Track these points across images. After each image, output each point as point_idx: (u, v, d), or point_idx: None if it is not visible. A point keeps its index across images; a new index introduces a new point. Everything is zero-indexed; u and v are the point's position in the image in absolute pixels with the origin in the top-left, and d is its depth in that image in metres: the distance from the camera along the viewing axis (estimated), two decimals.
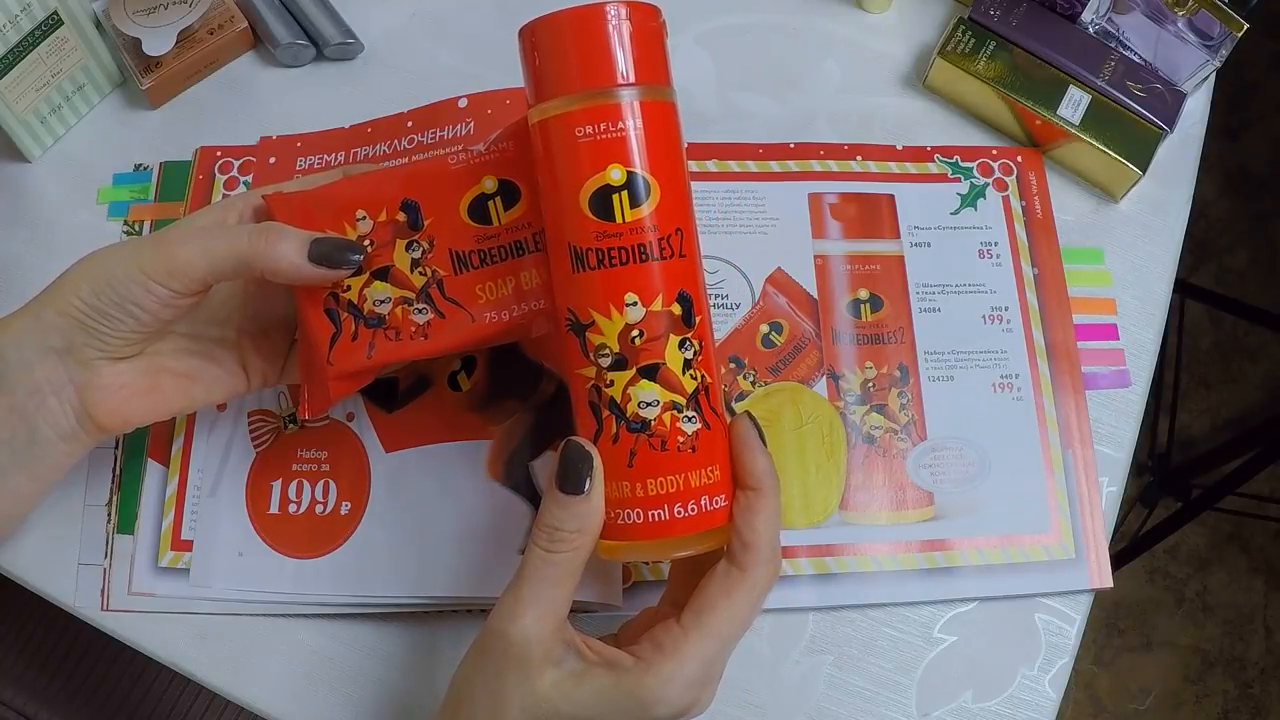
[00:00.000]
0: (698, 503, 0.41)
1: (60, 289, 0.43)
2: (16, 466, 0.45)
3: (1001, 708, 0.52)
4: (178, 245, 0.42)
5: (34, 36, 0.56)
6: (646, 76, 0.41)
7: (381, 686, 0.51)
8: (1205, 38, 0.59)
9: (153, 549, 0.52)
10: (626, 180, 0.40)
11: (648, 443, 0.41)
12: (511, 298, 0.45)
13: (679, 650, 0.39)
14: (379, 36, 0.65)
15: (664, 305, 0.41)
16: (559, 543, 0.40)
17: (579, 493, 0.40)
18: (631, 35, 0.41)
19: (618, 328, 0.40)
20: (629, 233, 0.40)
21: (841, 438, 0.55)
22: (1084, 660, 1.38)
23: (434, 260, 0.45)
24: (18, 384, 0.43)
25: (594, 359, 0.41)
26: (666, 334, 0.41)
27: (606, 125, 0.40)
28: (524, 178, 0.45)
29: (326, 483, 0.53)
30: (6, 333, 0.43)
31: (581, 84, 0.40)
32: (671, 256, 0.41)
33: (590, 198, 0.40)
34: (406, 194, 0.45)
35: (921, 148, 0.62)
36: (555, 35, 0.41)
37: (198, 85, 0.64)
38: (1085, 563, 0.53)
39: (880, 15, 0.67)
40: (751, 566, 0.40)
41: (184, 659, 0.52)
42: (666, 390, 0.41)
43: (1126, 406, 0.57)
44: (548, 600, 0.40)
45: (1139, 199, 0.62)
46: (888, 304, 0.58)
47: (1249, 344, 1.54)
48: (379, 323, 0.44)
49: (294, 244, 0.42)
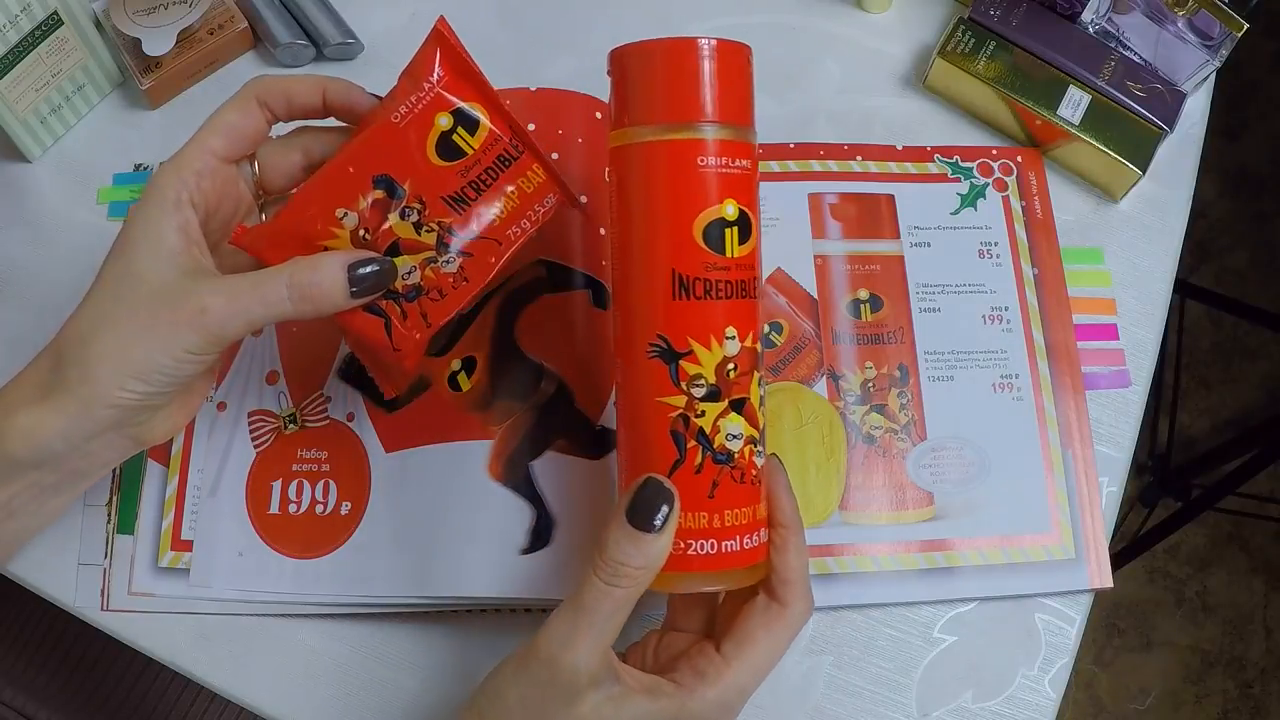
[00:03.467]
0: (758, 534, 0.42)
1: (101, 386, 0.41)
2: (60, 495, 0.45)
3: (1001, 708, 0.52)
4: (222, 326, 0.41)
5: (34, 36, 0.56)
6: (751, 118, 0.43)
7: (381, 686, 0.51)
8: (1205, 38, 0.59)
9: (153, 549, 0.52)
10: (739, 217, 0.41)
11: (730, 475, 0.41)
12: (521, 205, 0.45)
13: (720, 678, 0.41)
14: (379, 36, 0.65)
15: (752, 342, 0.42)
16: (623, 578, 0.39)
17: (653, 530, 0.40)
18: (750, 78, 0.43)
19: (716, 359, 0.41)
20: (735, 268, 0.41)
21: (841, 438, 0.55)
22: (1084, 660, 1.38)
23: (432, 214, 0.44)
24: (67, 458, 0.43)
25: (686, 389, 0.41)
26: (752, 370, 0.42)
27: (729, 160, 0.41)
28: (473, 98, 0.44)
29: (326, 483, 0.52)
30: (48, 427, 0.41)
31: (718, 115, 0.41)
32: (759, 296, 0.43)
33: (705, 228, 0.41)
34: (372, 172, 0.44)
35: (921, 148, 0.62)
36: (688, 61, 0.42)
37: (198, 85, 0.64)
38: (1085, 563, 0.53)
39: (880, 15, 0.67)
40: (792, 602, 0.42)
41: (184, 659, 0.52)
42: (749, 425, 0.42)
43: (1126, 406, 0.57)
44: (602, 633, 0.39)
45: (1139, 199, 0.62)
46: (888, 304, 0.58)
47: (1249, 344, 1.54)
48: (418, 292, 0.45)
49: (337, 290, 0.42)
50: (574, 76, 0.57)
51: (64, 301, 0.43)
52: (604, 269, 0.54)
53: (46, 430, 0.41)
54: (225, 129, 0.43)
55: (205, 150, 0.43)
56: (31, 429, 0.41)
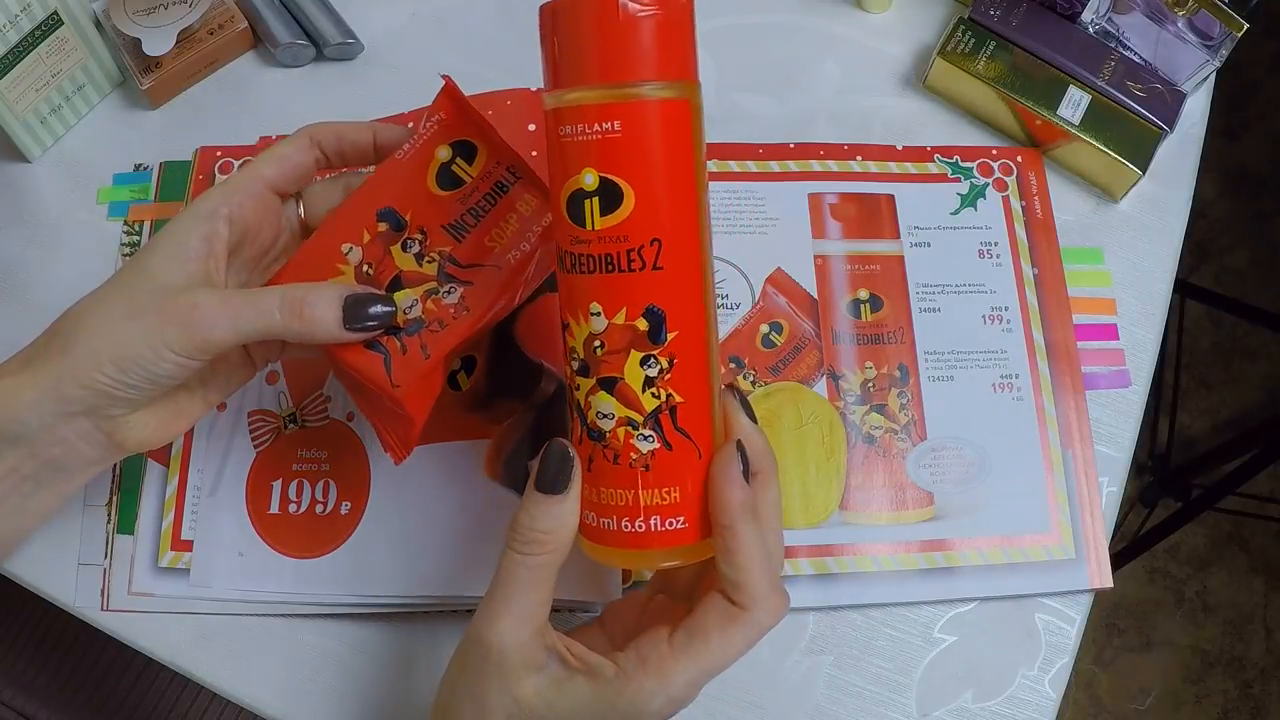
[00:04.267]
0: (647, 521, 0.39)
1: (77, 361, 0.41)
2: (40, 490, 0.45)
3: (1001, 708, 0.52)
4: (207, 328, 0.41)
5: (34, 36, 0.56)
6: (632, 72, 0.38)
7: (381, 686, 0.51)
8: (1205, 38, 0.59)
9: (153, 549, 0.52)
10: (599, 186, 0.38)
11: (602, 453, 0.40)
12: (519, 229, 0.45)
13: (663, 669, 0.39)
14: (379, 36, 0.65)
15: (627, 319, 0.39)
16: (532, 544, 0.39)
17: (556, 492, 0.39)
18: (621, 28, 0.37)
19: (584, 334, 0.39)
20: (597, 241, 0.38)
21: (841, 438, 0.55)
22: (1084, 660, 1.38)
23: (433, 244, 0.45)
24: (40, 439, 0.43)
25: (569, 360, 0.40)
26: (627, 349, 0.39)
27: (582, 126, 0.38)
28: (471, 132, 0.45)
29: (326, 483, 0.53)
30: (20, 399, 0.41)
31: (567, 79, 0.38)
32: (642, 269, 0.38)
33: (568, 200, 0.39)
34: (377, 207, 0.45)
35: (921, 148, 0.62)
36: (553, 21, 0.39)
37: (198, 85, 0.64)
38: (1085, 563, 0.53)
39: (880, 15, 0.67)
40: (750, 606, 0.39)
41: (184, 659, 0.52)
42: (623, 406, 0.39)
43: (1126, 406, 0.57)
44: (523, 604, 0.39)
45: (1139, 199, 0.62)
46: (888, 304, 0.58)
47: (1249, 344, 1.54)
48: (419, 326, 0.44)
49: (330, 313, 0.42)
50: None
51: (64, 301, 0.43)
52: None
53: (19, 399, 0.42)
54: (277, 159, 0.45)
55: (254, 175, 0.45)
56: (8, 396, 0.42)
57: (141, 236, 0.59)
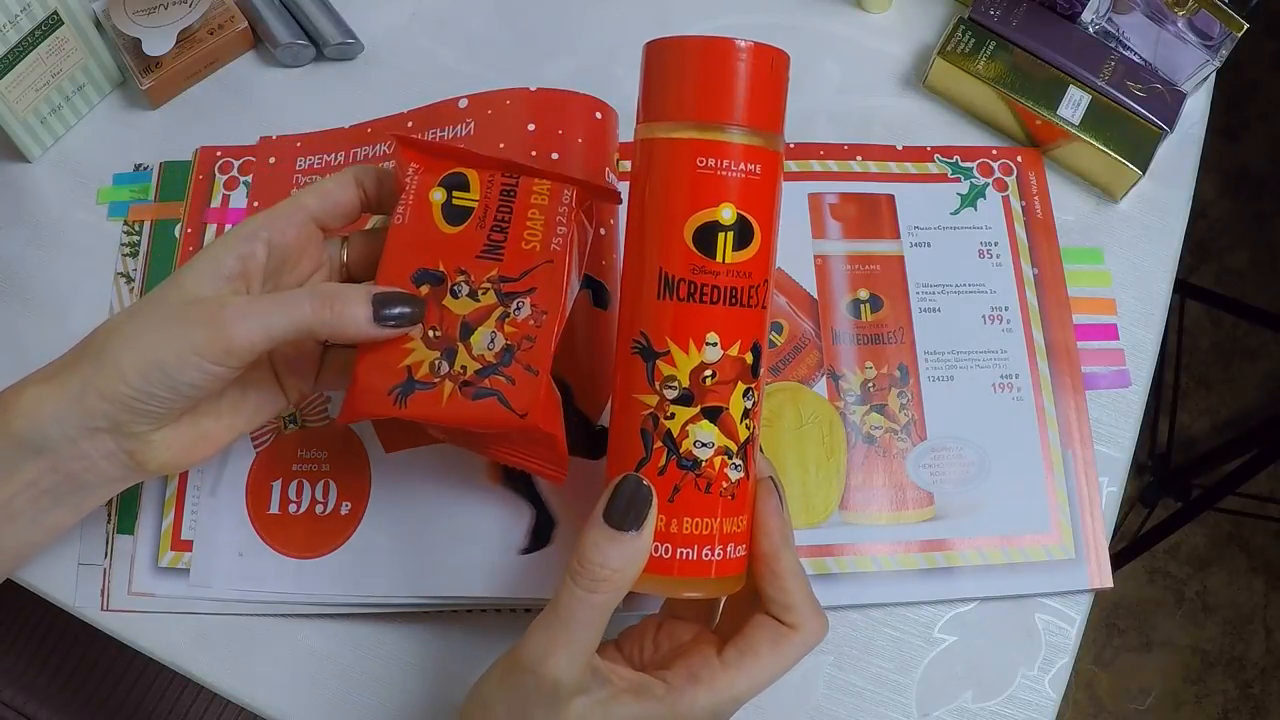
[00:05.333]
0: (724, 548, 0.41)
1: (102, 370, 0.41)
2: (58, 505, 0.44)
3: (1001, 708, 0.52)
4: (235, 325, 0.40)
5: (34, 36, 0.56)
6: (774, 124, 0.41)
7: (381, 686, 0.51)
8: (1205, 38, 0.59)
9: (153, 549, 0.52)
10: (736, 221, 0.40)
11: (694, 482, 0.40)
12: (548, 219, 0.45)
13: (714, 683, 0.40)
14: (379, 36, 0.65)
15: (740, 352, 0.41)
16: (600, 582, 0.38)
17: (633, 530, 0.39)
18: (772, 80, 0.41)
19: (692, 363, 0.40)
20: (725, 274, 0.40)
21: (841, 438, 0.55)
22: (1084, 660, 1.38)
23: (479, 276, 0.44)
24: (62, 453, 0.42)
25: (659, 388, 0.40)
26: (736, 380, 0.41)
27: (730, 163, 0.40)
28: (451, 164, 0.46)
29: (327, 483, 0.53)
30: (43, 409, 0.41)
31: (717, 115, 0.40)
32: (755, 306, 0.41)
33: (696, 230, 0.40)
34: (406, 275, 0.44)
35: (921, 148, 0.62)
36: (705, 60, 0.41)
37: (198, 85, 0.64)
38: (1085, 563, 0.53)
39: (880, 15, 0.67)
40: (800, 625, 0.41)
41: (184, 659, 0.52)
42: (723, 435, 0.41)
43: (1126, 406, 0.57)
44: (582, 640, 0.39)
45: (1139, 199, 0.62)
46: (888, 304, 0.58)
47: (1249, 344, 1.54)
48: (511, 352, 0.43)
49: (359, 306, 0.42)
50: (574, 76, 0.58)
51: (64, 301, 0.44)
52: (604, 269, 0.54)
53: (44, 409, 0.41)
54: (322, 192, 0.46)
55: (297, 204, 0.45)
56: (32, 405, 0.42)
57: (141, 236, 0.59)
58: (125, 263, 0.58)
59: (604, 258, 0.54)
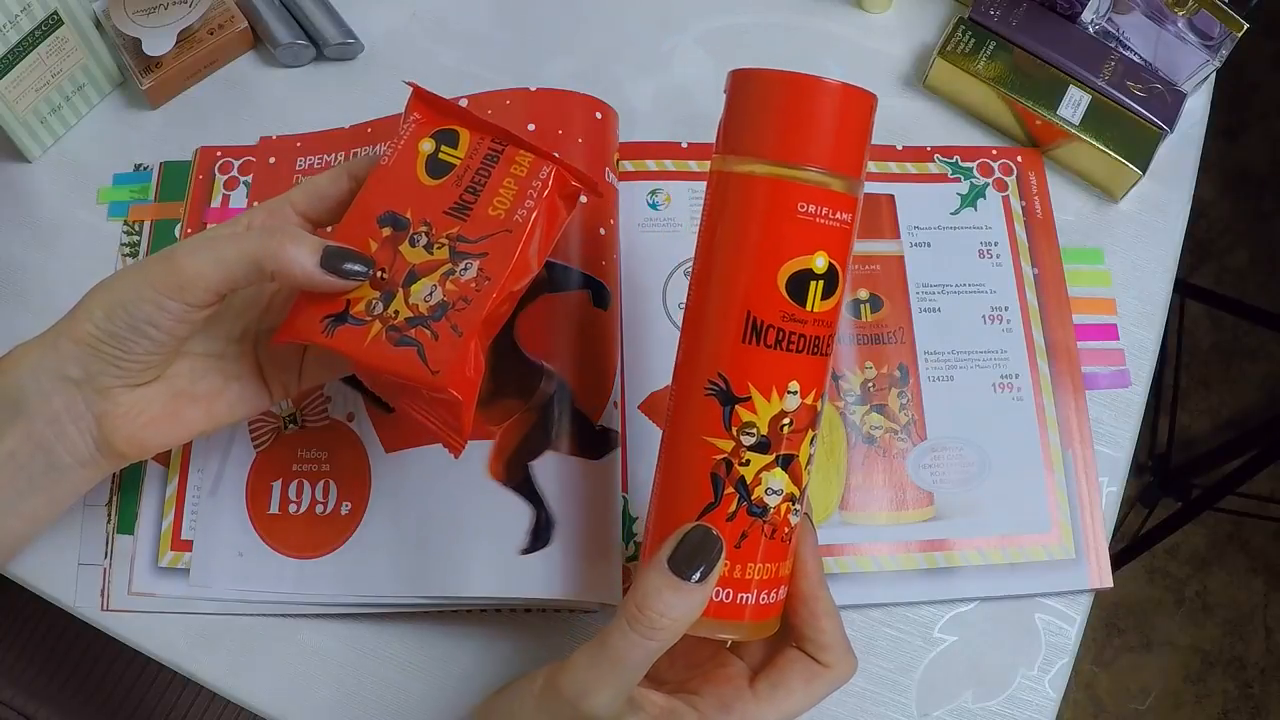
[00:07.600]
0: (776, 591, 0.41)
1: (74, 317, 0.43)
2: (34, 490, 0.45)
3: (1001, 708, 0.52)
4: (186, 257, 0.42)
5: (34, 36, 0.56)
6: (862, 174, 0.41)
7: (381, 686, 0.51)
8: (1205, 38, 0.59)
9: (153, 549, 0.52)
10: (827, 271, 0.39)
11: (762, 529, 0.40)
12: (519, 190, 0.45)
13: (745, 715, 0.41)
14: (379, 36, 0.65)
15: (814, 400, 0.40)
16: (660, 630, 0.37)
17: (698, 580, 0.38)
18: (869, 130, 0.41)
19: (773, 411, 0.39)
20: (812, 323, 0.39)
21: (841, 438, 0.55)
22: (1084, 660, 1.38)
23: (439, 230, 0.45)
24: (36, 413, 0.43)
25: (736, 434, 0.39)
26: (807, 429, 0.40)
27: (830, 211, 0.39)
28: (450, 121, 0.46)
29: (327, 483, 0.53)
30: (24, 361, 0.43)
31: (836, 165, 0.39)
32: (829, 355, 0.41)
33: (790, 277, 0.39)
34: (374, 214, 0.45)
35: (921, 148, 0.62)
36: (842, 107, 0.40)
37: (198, 85, 0.64)
38: (1085, 563, 0.53)
39: (880, 15, 0.67)
40: (835, 664, 0.41)
41: (184, 659, 0.52)
42: (792, 482, 0.40)
43: (1126, 406, 0.57)
44: (628, 681, 0.38)
45: (1139, 199, 0.62)
46: (888, 304, 0.58)
47: (1249, 344, 1.54)
48: (444, 309, 0.43)
49: (306, 248, 0.42)
50: (574, 76, 0.58)
51: (64, 301, 0.44)
52: (604, 269, 0.54)
53: (24, 361, 0.43)
54: (311, 189, 0.47)
55: (284, 199, 0.47)
56: (15, 358, 0.44)
57: (141, 236, 0.59)
58: (125, 263, 0.59)
59: (604, 258, 0.54)
